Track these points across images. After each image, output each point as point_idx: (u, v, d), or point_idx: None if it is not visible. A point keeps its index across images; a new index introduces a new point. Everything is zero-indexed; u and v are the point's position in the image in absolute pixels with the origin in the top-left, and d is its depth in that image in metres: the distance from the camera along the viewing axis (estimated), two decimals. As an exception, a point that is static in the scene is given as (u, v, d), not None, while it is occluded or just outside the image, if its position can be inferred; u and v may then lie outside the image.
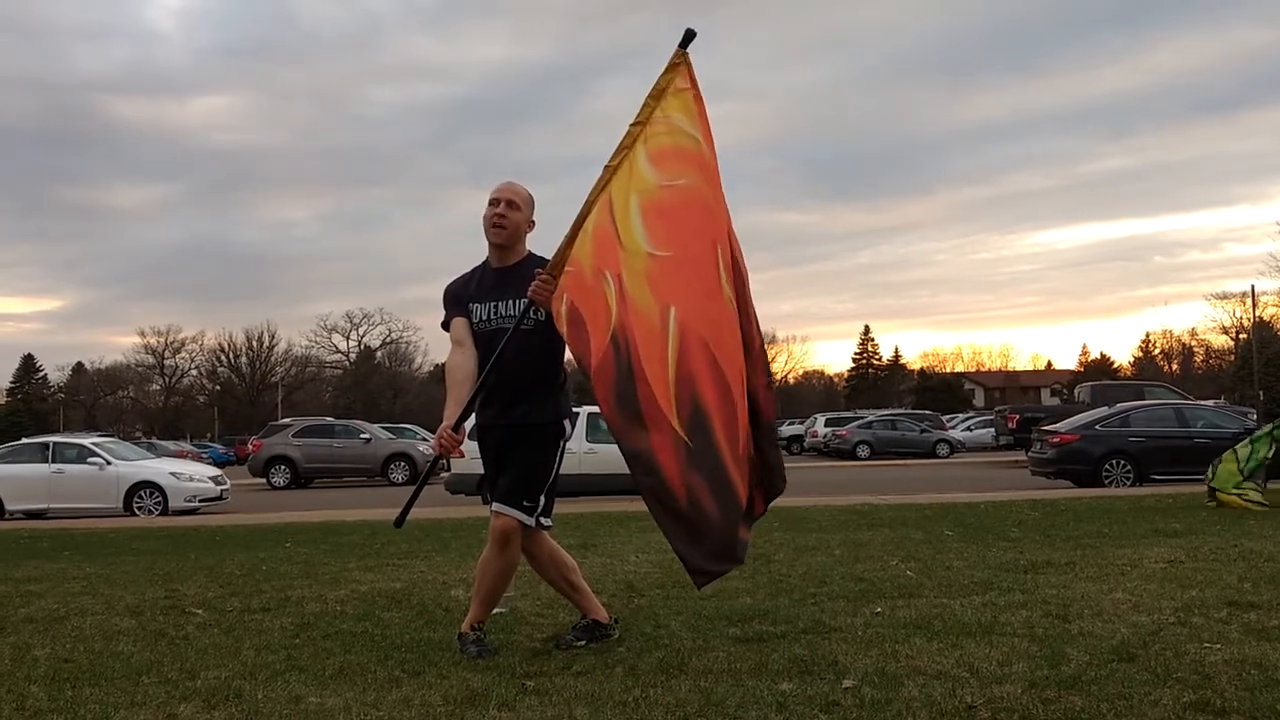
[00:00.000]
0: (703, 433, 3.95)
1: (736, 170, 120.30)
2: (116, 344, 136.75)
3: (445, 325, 4.51)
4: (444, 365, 4.56)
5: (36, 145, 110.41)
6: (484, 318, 4.40)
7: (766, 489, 4.25)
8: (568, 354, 4.32)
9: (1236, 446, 11.01)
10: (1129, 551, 7.15)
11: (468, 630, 4.43)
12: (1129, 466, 16.39)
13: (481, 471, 15.37)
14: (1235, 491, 10.49)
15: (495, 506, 4.33)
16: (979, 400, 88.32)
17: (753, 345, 4.20)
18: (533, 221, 4.52)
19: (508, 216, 4.41)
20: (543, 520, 4.41)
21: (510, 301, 4.35)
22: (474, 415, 4.44)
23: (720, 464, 3.96)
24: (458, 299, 4.49)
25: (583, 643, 4.44)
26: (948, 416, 48.11)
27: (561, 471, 4.46)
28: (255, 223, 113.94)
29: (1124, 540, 7.92)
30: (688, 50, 4.26)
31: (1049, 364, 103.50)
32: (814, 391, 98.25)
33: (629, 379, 3.97)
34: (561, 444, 4.44)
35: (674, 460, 3.92)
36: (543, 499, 4.38)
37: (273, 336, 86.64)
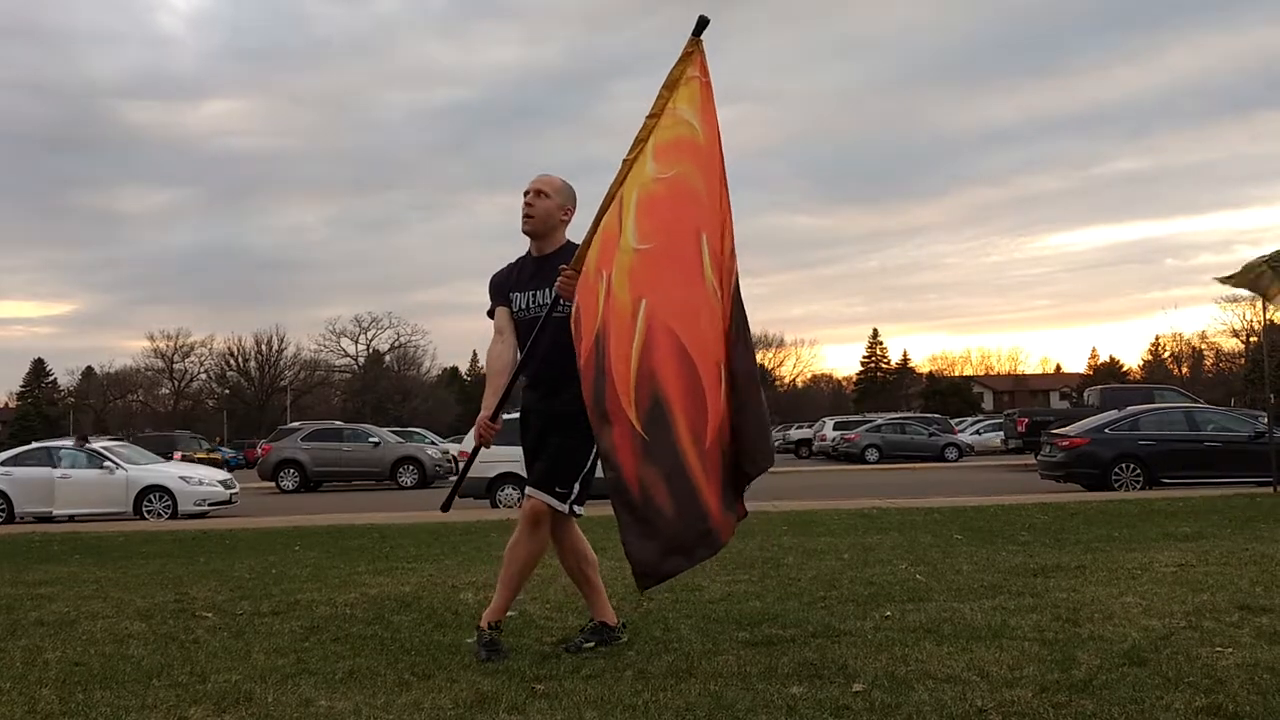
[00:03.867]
0: (661, 426, 3.94)
1: (746, 174, 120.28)
2: (126, 348, 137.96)
3: (490, 314, 4.61)
4: (450, 370, 4.59)
5: (49, 150, 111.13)
6: (523, 306, 4.47)
7: (745, 471, 4.21)
8: None
9: None
10: (1139, 555, 7.13)
11: (485, 627, 4.43)
12: (1139, 470, 16.32)
13: (491, 476, 15.38)
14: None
15: (528, 490, 4.39)
16: (988, 404, 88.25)
17: (741, 332, 4.19)
18: (569, 210, 4.53)
19: (535, 205, 4.44)
20: (576, 509, 4.43)
21: (547, 290, 4.38)
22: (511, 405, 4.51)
23: (679, 459, 3.94)
24: (500, 288, 4.57)
25: (591, 644, 4.44)
26: (956, 420, 48.09)
27: None
28: (266, 227, 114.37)
29: (1134, 544, 7.89)
30: (701, 38, 4.26)
31: (1058, 367, 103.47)
32: (822, 395, 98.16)
33: (602, 376, 4.00)
34: None
35: (630, 454, 3.92)
36: (577, 487, 4.39)
37: (282, 340, 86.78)
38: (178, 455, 33.77)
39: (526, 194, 4.47)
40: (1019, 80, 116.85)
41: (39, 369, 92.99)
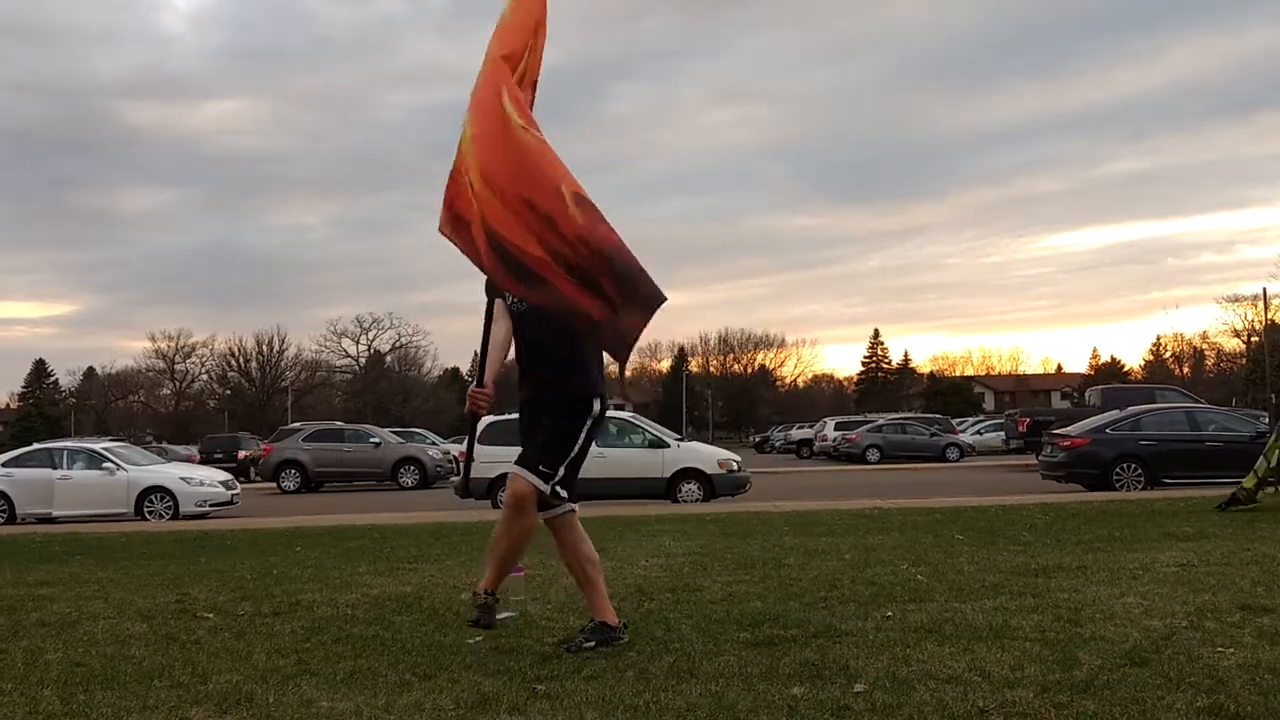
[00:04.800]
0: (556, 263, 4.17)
1: (745, 174, 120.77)
2: (128, 349, 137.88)
3: (488, 310, 4.70)
4: (452, 370, 4.64)
5: (50, 150, 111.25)
6: (514, 299, 4.56)
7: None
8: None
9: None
10: (1141, 555, 7.13)
11: (481, 592, 4.50)
12: (1140, 470, 16.31)
13: (492, 476, 15.36)
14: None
15: (512, 469, 4.44)
16: (989, 404, 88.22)
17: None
18: None
19: None
20: (560, 490, 4.45)
21: None
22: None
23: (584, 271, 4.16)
24: (493, 285, 4.67)
25: (591, 644, 4.44)
26: (958, 420, 48.07)
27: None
28: (266, 227, 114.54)
29: (1136, 544, 7.89)
30: None
31: (1059, 368, 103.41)
32: (823, 395, 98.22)
33: (508, 253, 4.23)
34: (589, 420, 4.51)
35: (575, 289, 4.16)
36: (562, 470, 4.43)
37: (283, 341, 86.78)
38: (242, 455, 34.54)
39: None
40: (1019, 81, 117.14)
41: (40, 369, 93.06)
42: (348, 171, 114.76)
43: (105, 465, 17.64)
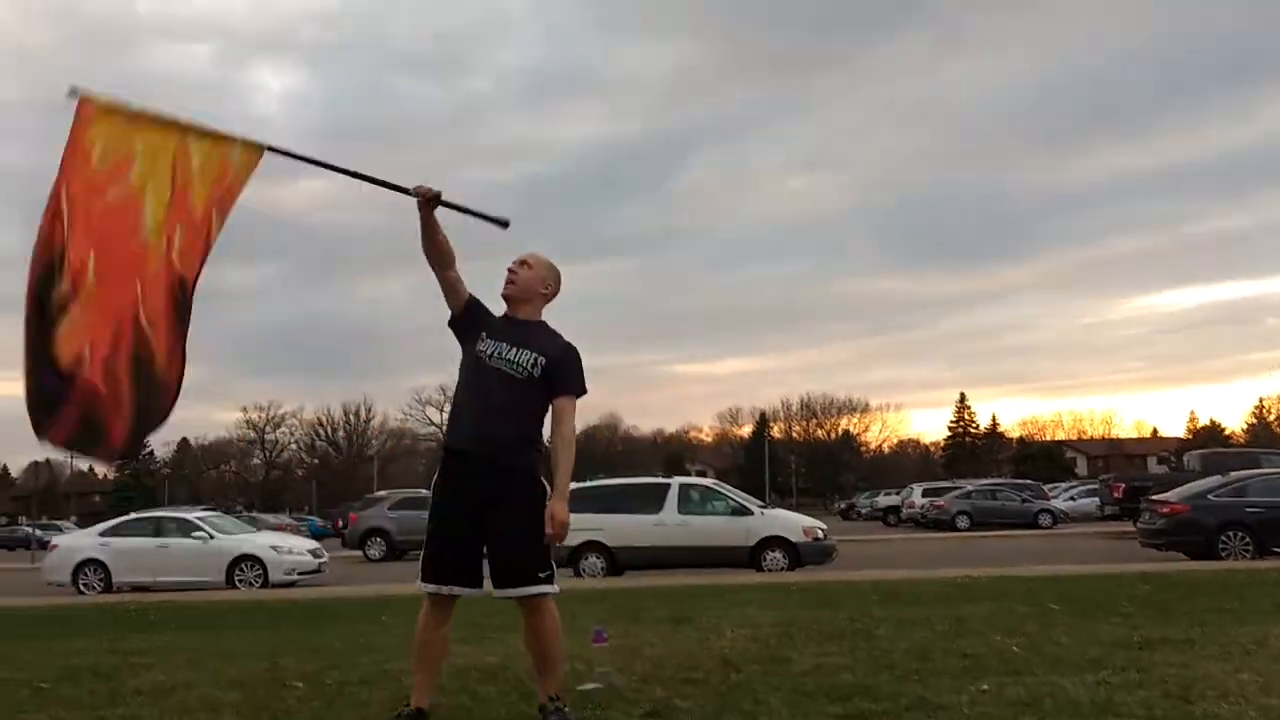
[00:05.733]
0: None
1: (826, 239, 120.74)
2: (220, 420, 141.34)
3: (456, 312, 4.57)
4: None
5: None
6: (488, 351, 4.37)
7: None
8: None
9: None
10: (1254, 629, 6.80)
11: (546, 701, 4.37)
12: (1247, 539, 15.65)
13: (574, 544, 15.24)
14: None
15: (517, 594, 4.36)
16: (1081, 469, 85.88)
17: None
18: (549, 286, 4.55)
19: (518, 272, 4.52)
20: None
21: (515, 349, 4.34)
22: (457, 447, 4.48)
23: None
24: (480, 310, 4.55)
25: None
26: (1049, 486, 46.81)
27: (654, 544, 4.48)
28: (354, 298, 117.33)
29: (1247, 616, 7.54)
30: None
31: (1154, 431, 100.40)
32: (909, 461, 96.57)
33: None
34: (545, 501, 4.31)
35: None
36: (550, 560, 4.37)
37: (369, 410, 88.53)
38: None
39: (512, 263, 4.55)
40: (1105, 140, 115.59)
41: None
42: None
43: (199, 534, 18.04)
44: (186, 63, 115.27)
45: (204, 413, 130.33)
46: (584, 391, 4.45)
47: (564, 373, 4.38)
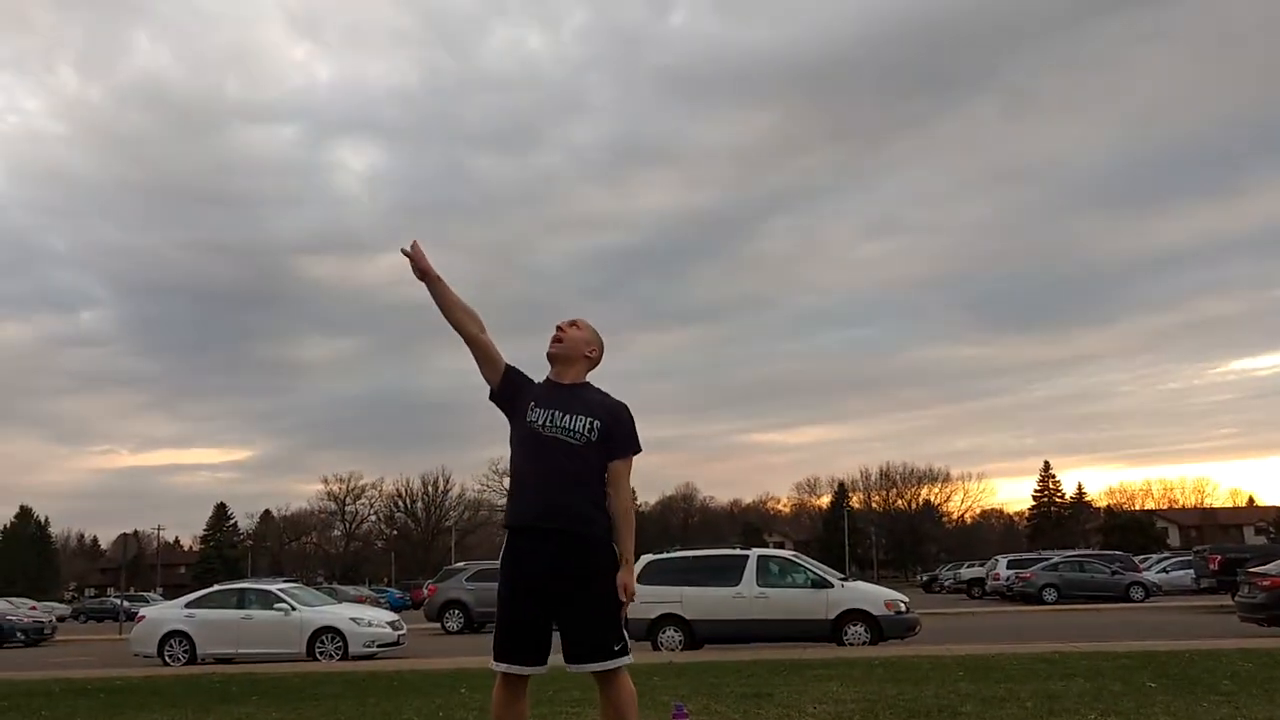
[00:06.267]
0: None
1: (902, 306, 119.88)
2: (301, 491, 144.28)
3: (496, 384, 4.44)
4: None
5: (237, 306, 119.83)
6: (541, 422, 4.25)
7: None
8: None
9: None
10: (1364, 708, 6.47)
11: None
12: (1356, 613, 14.94)
13: (652, 617, 15.10)
14: None
15: (594, 669, 4.20)
16: (1173, 539, 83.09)
17: None
18: (595, 349, 4.48)
19: (567, 332, 4.43)
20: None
21: (568, 416, 4.22)
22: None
23: None
24: (522, 380, 4.42)
25: None
26: (1140, 557, 45.27)
27: (733, 616, 4.35)
28: (433, 371, 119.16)
29: (1357, 695, 7.18)
30: None
31: (1250, 500, 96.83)
32: (993, 531, 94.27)
33: None
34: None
35: None
36: (625, 630, 4.25)
37: (447, 481, 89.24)
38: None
39: (561, 323, 4.46)
40: (1187, 201, 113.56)
41: (221, 513, 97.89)
42: (509, 316, 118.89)
43: (280, 606, 18.24)
44: (271, 143, 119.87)
45: (286, 484, 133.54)
46: (639, 450, 4.36)
47: (620, 434, 4.28)
